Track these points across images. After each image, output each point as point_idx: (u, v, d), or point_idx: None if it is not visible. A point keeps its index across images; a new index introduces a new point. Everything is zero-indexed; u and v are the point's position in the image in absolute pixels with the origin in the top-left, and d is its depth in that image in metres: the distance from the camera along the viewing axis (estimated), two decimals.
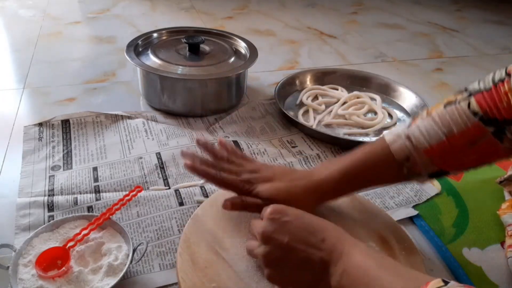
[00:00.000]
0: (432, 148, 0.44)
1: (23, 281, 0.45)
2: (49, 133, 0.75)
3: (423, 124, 0.45)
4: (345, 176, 0.48)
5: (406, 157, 0.46)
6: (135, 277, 0.50)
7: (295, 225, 0.41)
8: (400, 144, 0.46)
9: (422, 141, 0.45)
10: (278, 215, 0.41)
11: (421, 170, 0.46)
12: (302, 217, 0.42)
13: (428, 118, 0.45)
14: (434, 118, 0.45)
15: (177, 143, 0.74)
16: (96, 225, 0.51)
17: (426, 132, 0.45)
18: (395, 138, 0.47)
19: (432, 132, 0.44)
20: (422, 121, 0.46)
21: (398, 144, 0.46)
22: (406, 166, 0.46)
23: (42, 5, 1.41)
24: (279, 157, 0.73)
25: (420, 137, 0.45)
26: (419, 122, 0.46)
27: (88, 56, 1.10)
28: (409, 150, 0.45)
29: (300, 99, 0.90)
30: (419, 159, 0.45)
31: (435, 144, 0.44)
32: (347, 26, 1.42)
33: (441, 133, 0.44)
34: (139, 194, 0.59)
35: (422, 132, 0.45)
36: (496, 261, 0.55)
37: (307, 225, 0.41)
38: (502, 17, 1.60)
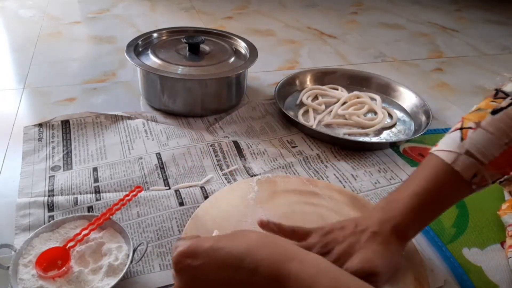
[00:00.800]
0: (496, 159, 0.43)
1: (23, 281, 0.45)
2: (49, 133, 0.75)
3: (477, 136, 0.44)
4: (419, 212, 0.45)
5: (474, 174, 0.44)
6: (135, 277, 0.50)
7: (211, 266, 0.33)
8: (463, 161, 0.44)
9: (486, 155, 0.43)
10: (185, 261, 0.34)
11: (488, 182, 0.45)
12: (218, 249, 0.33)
13: (480, 129, 0.44)
14: (488, 129, 0.44)
15: (177, 143, 0.74)
16: (96, 225, 0.51)
17: (486, 144, 0.43)
18: (453, 156, 0.44)
19: (491, 144, 0.43)
20: (475, 133, 0.44)
21: (462, 162, 0.44)
22: (474, 183, 0.44)
23: (42, 5, 1.41)
24: (279, 157, 0.73)
25: (483, 151, 0.43)
26: (471, 135, 0.44)
27: (88, 56, 1.09)
28: (475, 167, 0.43)
29: (300, 99, 0.90)
30: (486, 173, 0.44)
31: (498, 155, 0.43)
32: (347, 26, 1.42)
33: (502, 143, 0.43)
34: (139, 195, 0.59)
35: (482, 145, 0.43)
36: (496, 261, 0.55)
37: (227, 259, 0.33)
38: (502, 17, 1.60)
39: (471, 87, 1.05)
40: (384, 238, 0.44)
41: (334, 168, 0.71)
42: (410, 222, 0.45)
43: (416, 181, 0.46)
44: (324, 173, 0.69)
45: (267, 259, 0.31)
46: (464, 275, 0.52)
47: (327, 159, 0.73)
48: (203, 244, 0.34)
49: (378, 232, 0.44)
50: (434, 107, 0.88)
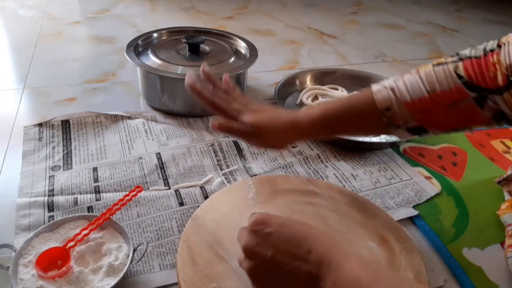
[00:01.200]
0: (413, 102, 0.46)
1: (23, 281, 0.45)
2: (49, 133, 0.75)
3: (409, 78, 0.47)
4: (325, 117, 0.50)
5: (387, 107, 0.47)
6: (135, 277, 0.50)
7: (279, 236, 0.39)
8: (383, 94, 0.47)
9: (405, 94, 0.46)
10: (260, 226, 0.40)
11: (400, 122, 0.47)
12: (286, 227, 0.40)
13: (415, 74, 0.47)
14: (420, 75, 0.46)
15: (177, 143, 0.74)
16: (96, 225, 0.51)
17: (411, 86, 0.46)
18: (380, 88, 0.48)
19: (416, 87, 0.46)
20: (409, 76, 0.47)
21: (382, 94, 0.48)
22: (386, 116, 0.48)
23: (42, 5, 1.41)
24: (279, 157, 0.73)
25: (404, 91, 0.46)
26: (405, 77, 0.47)
27: (88, 56, 1.10)
28: (391, 101, 0.47)
29: (300, 99, 0.90)
30: (399, 111, 0.47)
31: (416, 99, 0.46)
32: (347, 26, 1.42)
33: (424, 89, 0.45)
34: (139, 194, 0.59)
35: (406, 86, 0.46)
36: (496, 261, 0.55)
37: (291, 236, 0.39)
38: (502, 17, 1.60)
39: None
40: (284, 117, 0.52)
41: (334, 168, 0.71)
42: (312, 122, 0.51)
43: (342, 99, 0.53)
44: (324, 173, 0.69)
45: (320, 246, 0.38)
46: (464, 275, 0.52)
47: (327, 159, 0.73)
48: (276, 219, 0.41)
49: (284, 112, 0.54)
50: None
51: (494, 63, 0.43)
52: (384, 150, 0.76)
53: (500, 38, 0.44)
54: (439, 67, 0.46)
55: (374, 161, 0.73)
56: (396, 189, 0.66)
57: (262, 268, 0.39)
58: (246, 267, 0.40)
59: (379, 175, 0.69)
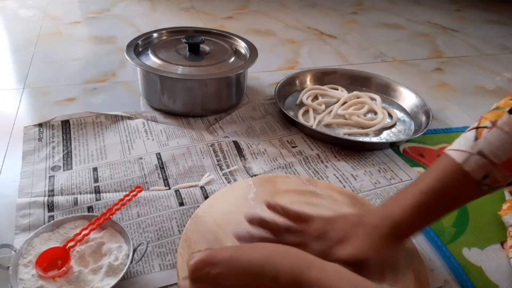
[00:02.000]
0: (510, 160, 0.41)
1: (23, 281, 0.45)
2: (49, 133, 0.75)
3: (492, 136, 0.42)
4: (422, 211, 0.43)
5: (484, 175, 0.42)
6: (135, 277, 0.50)
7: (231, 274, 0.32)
8: (474, 161, 0.42)
9: (499, 155, 0.41)
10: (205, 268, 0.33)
11: (502, 183, 0.43)
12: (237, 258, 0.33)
13: (496, 129, 0.42)
14: (503, 129, 0.42)
15: (177, 143, 0.74)
16: (96, 225, 0.51)
17: (501, 144, 0.41)
18: (465, 155, 0.43)
19: (507, 144, 0.41)
20: (490, 132, 0.42)
21: (472, 162, 0.42)
22: (485, 184, 0.42)
23: (42, 5, 1.41)
24: (279, 157, 0.73)
25: (496, 151, 0.41)
26: (486, 134, 0.43)
27: (88, 56, 1.09)
28: (486, 167, 0.42)
29: (300, 99, 0.90)
30: (499, 174, 0.42)
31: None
32: (347, 26, 1.42)
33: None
34: (139, 195, 0.59)
35: (495, 145, 0.42)
36: (496, 261, 0.55)
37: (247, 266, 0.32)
38: (502, 17, 1.60)
39: (471, 87, 1.05)
40: (382, 232, 0.43)
41: (334, 168, 0.71)
42: (411, 220, 0.43)
43: (424, 180, 0.45)
44: (324, 173, 0.69)
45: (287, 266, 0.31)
46: (464, 275, 0.52)
47: (327, 159, 0.73)
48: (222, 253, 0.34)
49: (377, 227, 0.44)
50: (434, 107, 0.89)
51: None
52: (384, 150, 0.76)
53: None
54: None
55: (374, 162, 0.73)
56: (396, 189, 0.66)
57: None
58: None
59: (379, 175, 0.69)
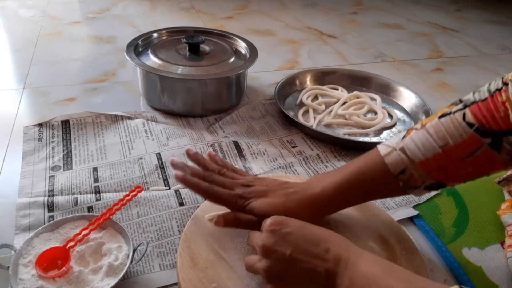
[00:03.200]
0: (428, 160, 0.43)
1: (23, 281, 0.45)
2: (49, 133, 0.75)
3: (418, 136, 0.44)
4: (339, 190, 0.47)
5: (401, 170, 0.44)
6: (135, 277, 0.50)
7: (297, 236, 0.40)
8: (394, 156, 0.44)
9: (418, 154, 0.43)
10: (278, 226, 0.41)
11: (417, 183, 0.45)
12: (304, 228, 0.41)
13: (423, 130, 0.44)
14: (428, 130, 0.44)
15: (177, 143, 0.74)
16: (96, 225, 0.51)
17: (421, 144, 0.43)
18: (389, 150, 0.45)
19: (427, 145, 0.43)
20: (416, 133, 0.44)
21: (393, 156, 0.45)
22: (401, 179, 0.45)
23: (42, 5, 1.41)
24: (279, 157, 0.73)
25: (415, 150, 0.43)
26: (413, 134, 0.45)
27: (88, 56, 1.09)
28: (404, 163, 0.44)
29: (300, 99, 0.90)
30: (415, 172, 0.44)
31: (430, 156, 0.43)
32: (347, 26, 1.42)
33: (437, 145, 0.43)
34: (139, 195, 0.59)
35: (417, 144, 0.44)
36: (496, 261, 0.55)
37: (310, 236, 0.40)
38: (502, 17, 1.60)
39: (471, 87, 1.04)
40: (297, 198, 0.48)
41: (334, 168, 0.71)
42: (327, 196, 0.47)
43: (349, 166, 0.48)
44: None
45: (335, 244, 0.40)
46: (464, 275, 0.52)
47: (327, 159, 0.73)
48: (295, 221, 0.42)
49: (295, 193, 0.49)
50: (434, 107, 0.88)
51: (503, 102, 0.40)
52: None
53: (503, 77, 0.42)
54: (446, 118, 0.43)
55: None
56: None
57: (280, 267, 0.39)
58: (263, 266, 0.40)
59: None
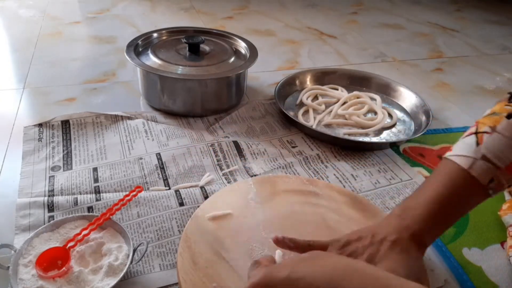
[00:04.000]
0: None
1: (23, 281, 0.45)
2: (49, 133, 0.75)
3: (493, 140, 0.43)
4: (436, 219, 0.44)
5: (490, 179, 0.43)
6: (135, 277, 0.50)
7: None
8: (480, 167, 0.43)
9: (503, 159, 0.43)
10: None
11: (504, 186, 0.44)
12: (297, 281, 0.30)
13: (496, 133, 0.43)
14: (503, 133, 0.43)
15: (177, 143, 0.74)
16: (97, 225, 0.51)
17: (501, 149, 0.43)
18: (470, 161, 0.43)
19: (507, 148, 0.43)
20: (491, 137, 0.44)
21: (478, 167, 0.43)
22: (491, 188, 0.43)
23: (42, 5, 1.41)
24: (279, 157, 0.73)
25: (499, 155, 0.43)
26: (487, 139, 0.44)
27: (88, 56, 1.09)
28: (492, 171, 0.43)
29: (300, 99, 0.90)
30: (503, 178, 0.43)
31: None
32: (347, 26, 1.42)
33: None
34: (139, 195, 0.59)
35: (498, 150, 0.43)
36: (496, 261, 0.55)
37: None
38: (502, 17, 1.60)
39: (471, 87, 1.05)
40: (404, 246, 0.42)
41: (334, 168, 0.71)
42: (428, 229, 0.44)
43: (432, 187, 0.45)
44: (324, 173, 0.69)
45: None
46: (464, 275, 0.52)
47: (327, 159, 0.73)
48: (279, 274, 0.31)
49: (397, 241, 0.42)
50: (434, 107, 0.89)
51: None
52: (384, 150, 0.76)
53: None
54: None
55: (374, 162, 0.73)
56: (396, 189, 0.66)
57: None
58: None
59: (379, 175, 0.69)
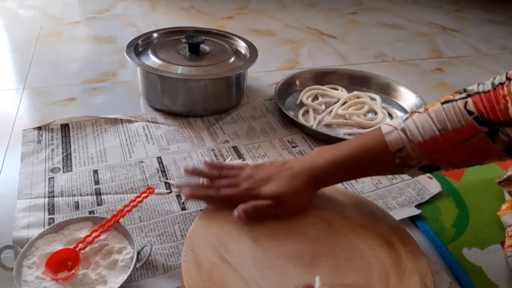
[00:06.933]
0: (425, 142, 0.46)
1: (27, 282, 0.45)
2: (48, 136, 0.74)
3: (419, 118, 0.47)
4: (342, 163, 0.50)
5: (399, 148, 0.47)
6: (139, 281, 0.50)
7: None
8: (395, 135, 0.47)
9: (417, 135, 0.46)
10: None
11: (413, 162, 0.47)
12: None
13: (424, 113, 0.47)
14: (430, 114, 0.46)
15: (177, 148, 0.73)
16: (107, 227, 0.50)
17: (421, 126, 0.46)
18: (390, 129, 0.48)
19: (427, 127, 0.46)
20: (418, 116, 0.47)
21: (393, 135, 0.48)
22: (399, 157, 0.47)
23: (42, 5, 1.41)
24: (279, 159, 0.73)
25: (415, 131, 0.46)
26: (415, 116, 0.48)
27: (88, 56, 1.09)
28: (403, 142, 0.47)
29: (300, 99, 0.90)
30: (412, 152, 0.47)
31: (428, 138, 0.46)
32: (347, 26, 1.42)
33: (436, 128, 0.45)
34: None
35: (417, 126, 0.46)
36: (496, 261, 0.55)
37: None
38: (502, 17, 1.60)
39: None
40: (301, 175, 0.51)
41: None
42: (329, 170, 0.51)
43: (351, 141, 0.52)
44: None
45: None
46: (464, 275, 0.52)
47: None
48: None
49: (297, 171, 0.52)
50: None
51: (504, 96, 0.43)
52: None
53: (507, 72, 0.44)
54: (448, 104, 0.46)
55: None
56: (398, 189, 0.67)
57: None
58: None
59: (380, 176, 0.70)
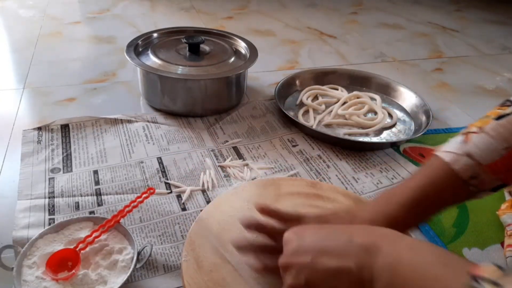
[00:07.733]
0: (495, 163, 0.43)
1: (27, 282, 0.45)
2: (48, 136, 0.74)
3: (480, 140, 0.44)
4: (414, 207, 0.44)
5: (472, 176, 0.44)
6: (140, 281, 0.50)
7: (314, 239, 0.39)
8: (462, 162, 0.44)
9: (485, 158, 0.43)
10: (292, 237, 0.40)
11: (487, 186, 0.44)
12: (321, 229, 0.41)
13: (483, 134, 0.44)
14: (489, 133, 0.44)
15: (178, 148, 0.73)
16: (108, 227, 0.50)
17: (486, 147, 0.43)
18: (455, 157, 0.44)
19: (492, 147, 0.43)
20: (478, 137, 0.44)
21: (460, 163, 0.44)
22: (473, 184, 0.44)
23: (42, 5, 1.41)
24: (280, 158, 0.73)
25: (482, 154, 0.43)
26: (474, 138, 0.44)
27: (88, 56, 1.09)
28: (473, 168, 0.43)
29: (300, 99, 0.90)
30: (485, 176, 0.43)
31: (498, 159, 0.43)
32: (347, 26, 1.42)
33: (501, 147, 0.43)
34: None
35: (481, 148, 0.43)
36: (496, 261, 0.55)
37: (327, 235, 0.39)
38: (502, 17, 1.60)
39: (471, 87, 1.05)
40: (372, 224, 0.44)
41: (336, 168, 0.71)
42: (403, 216, 0.45)
43: (414, 178, 0.46)
44: (326, 174, 0.69)
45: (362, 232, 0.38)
46: None
47: (329, 158, 0.73)
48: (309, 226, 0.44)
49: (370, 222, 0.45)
50: (434, 107, 0.89)
51: None
52: (384, 149, 0.76)
53: None
54: (503, 120, 0.43)
55: (375, 162, 0.73)
56: None
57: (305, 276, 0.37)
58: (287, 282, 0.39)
59: (380, 175, 0.70)
